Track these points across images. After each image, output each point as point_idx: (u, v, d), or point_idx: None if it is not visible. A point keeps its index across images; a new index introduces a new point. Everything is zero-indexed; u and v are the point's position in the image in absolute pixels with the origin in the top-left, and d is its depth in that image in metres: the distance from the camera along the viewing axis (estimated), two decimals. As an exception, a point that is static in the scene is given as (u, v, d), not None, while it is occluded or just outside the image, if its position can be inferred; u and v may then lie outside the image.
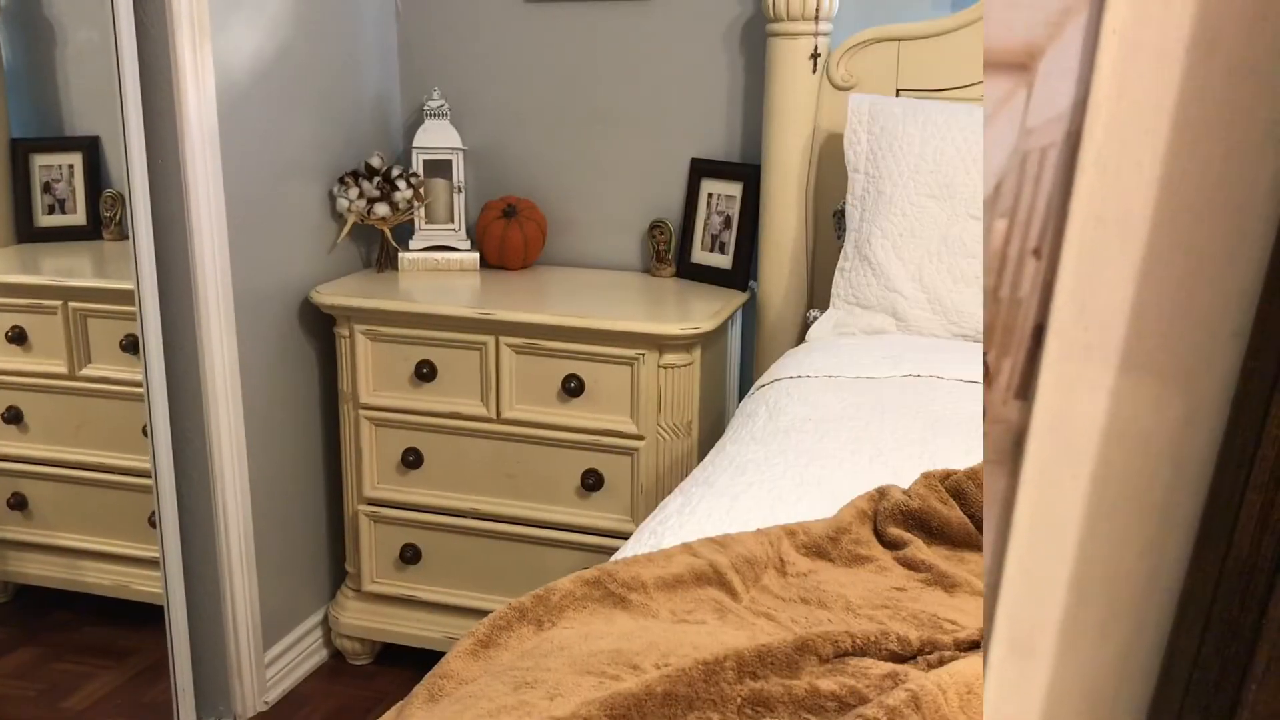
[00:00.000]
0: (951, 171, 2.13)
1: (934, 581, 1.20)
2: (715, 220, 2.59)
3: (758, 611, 1.13)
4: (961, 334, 2.10)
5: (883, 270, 2.15)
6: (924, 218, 2.14)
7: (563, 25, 2.67)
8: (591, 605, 1.12)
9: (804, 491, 1.44)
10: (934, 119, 2.18)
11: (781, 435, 1.66)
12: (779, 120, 2.41)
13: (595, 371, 2.33)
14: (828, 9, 2.36)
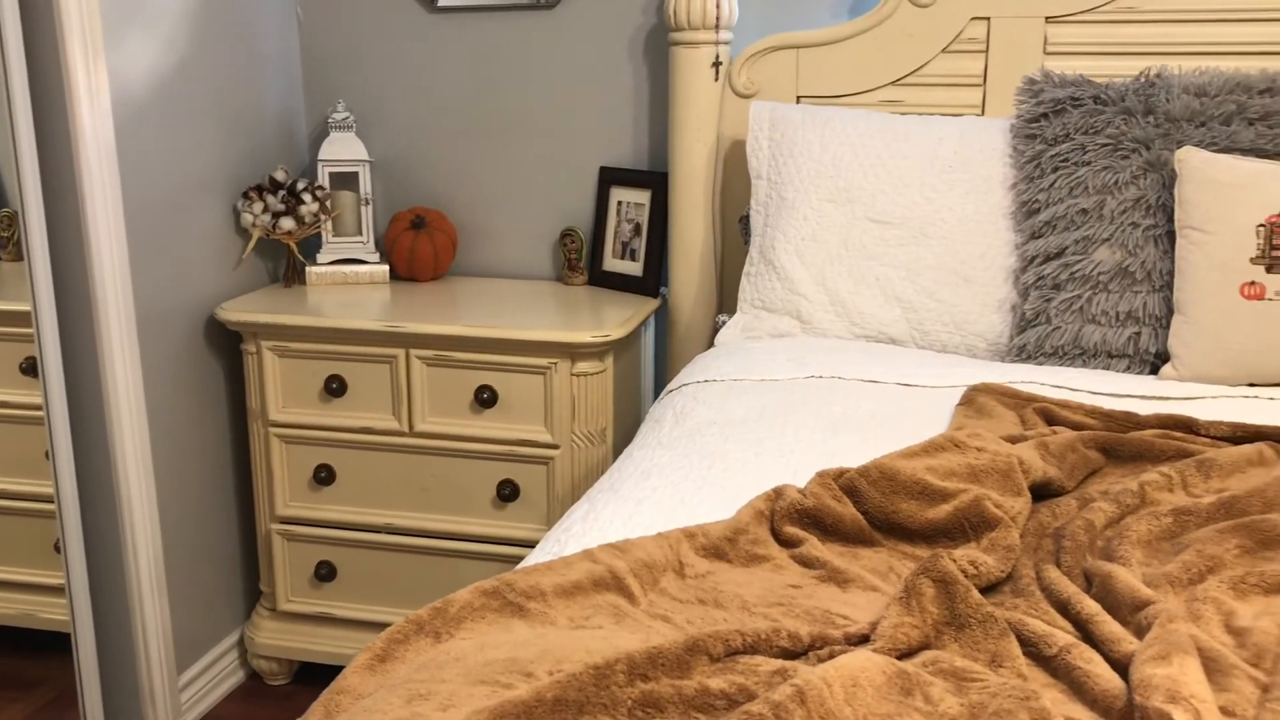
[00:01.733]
0: (850, 176, 2.17)
1: (828, 578, 1.23)
2: (625, 228, 2.61)
3: (655, 614, 1.14)
4: (864, 335, 2.14)
5: (786, 274, 2.18)
6: (825, 222, 2.17)
7: (468, 35, 2.67)
8: (490, 615, 1.12)
9: (706, 494, 1.46)
10: (832, 125, 2.22)
11: (686, 439, 1.68)
12: (683, 128, 2.44)
13: (508, 381, 2.34)
14: (728, 18, 2.39)
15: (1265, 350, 1.81)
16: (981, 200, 2.11)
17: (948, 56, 2.32)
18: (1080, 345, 1.96)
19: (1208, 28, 2.18)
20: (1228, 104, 1.96)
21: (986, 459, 1.39)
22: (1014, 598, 1.19)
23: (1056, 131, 2.03)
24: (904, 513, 1.32)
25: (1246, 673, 1.04)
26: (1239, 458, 1.49)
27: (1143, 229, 1.95)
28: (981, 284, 2.08)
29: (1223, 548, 1.26)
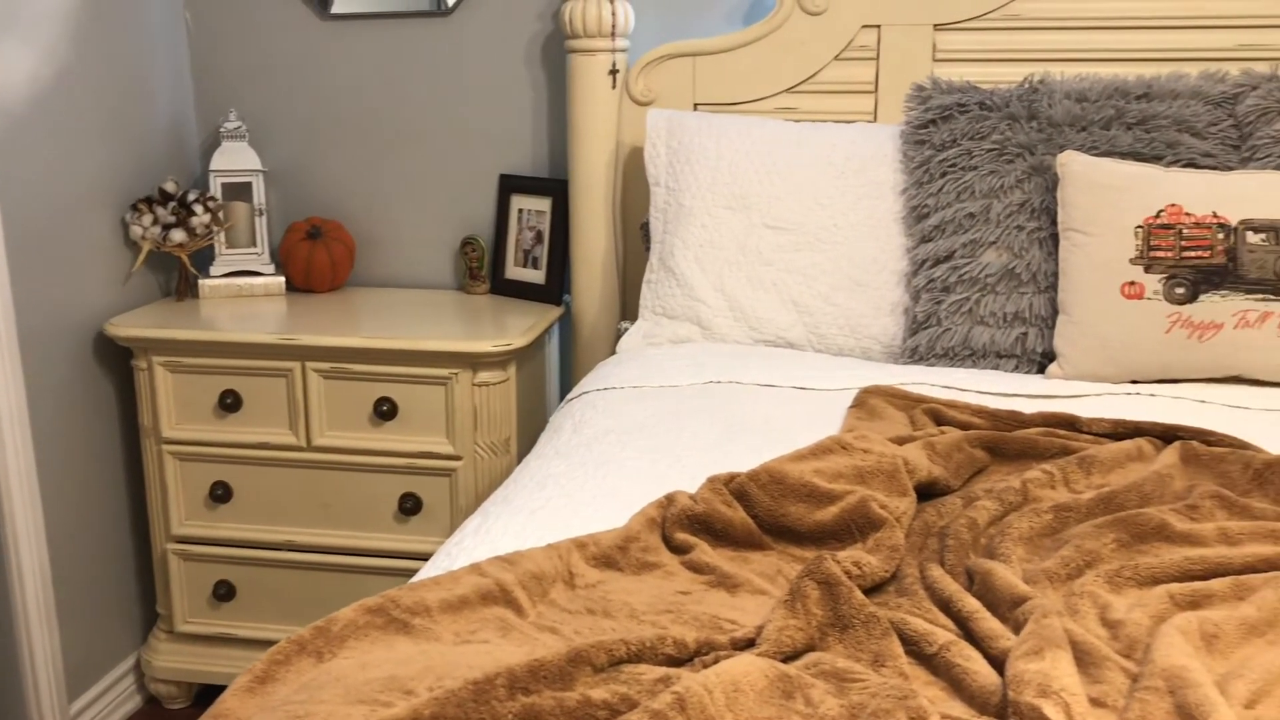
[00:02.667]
0: (747, 183, 2.19)
1: (717, 583, 1.23)
2: (527, 235, 2.60)
3: (543, 626, 1.14)
4: (763, 340, 2.16)
5: (686, 281, 2.19)
6: (722, 229, 2.19)
7: (363, 43, 2.63)
8: (374, 633, 1.10)
9: (601, 503, 1.45)
10: (728, 132, 2.24)
11: (584, 448, 1.67)
12: (582, 136, 2.44)
13: (408, 393, 2.31)
14: (624, 25, 2.40)
15: (1145, 348, 1.86)
16: (874, 205, 2.14)
17: (840, 64, 2.36)
18: (970, 346, 2.00)
19: (1088, 35, 2.24)
20: (1107, 109, 2.02)
21: (873, 460, 1.40)
22: (898, 597, 1.21)
23: (944, 137, 2.08)
24: (793, 515, 1.33)
25: (1118, 664, 1.06)
26: (1119, 453, 1.54)
27: (1028, 232, 1.99)
28: (875, 288, 2.11)
29: (1100, 542, 1.29)
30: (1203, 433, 1.58)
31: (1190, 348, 1.84)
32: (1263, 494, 1.43)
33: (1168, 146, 1.98)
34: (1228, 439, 1.56)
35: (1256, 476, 1.45)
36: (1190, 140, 1.99)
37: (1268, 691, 1.04)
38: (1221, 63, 2.13)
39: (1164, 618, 1.14)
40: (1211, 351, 1.83)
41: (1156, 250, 1.85)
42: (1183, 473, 1.49)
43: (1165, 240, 1.85)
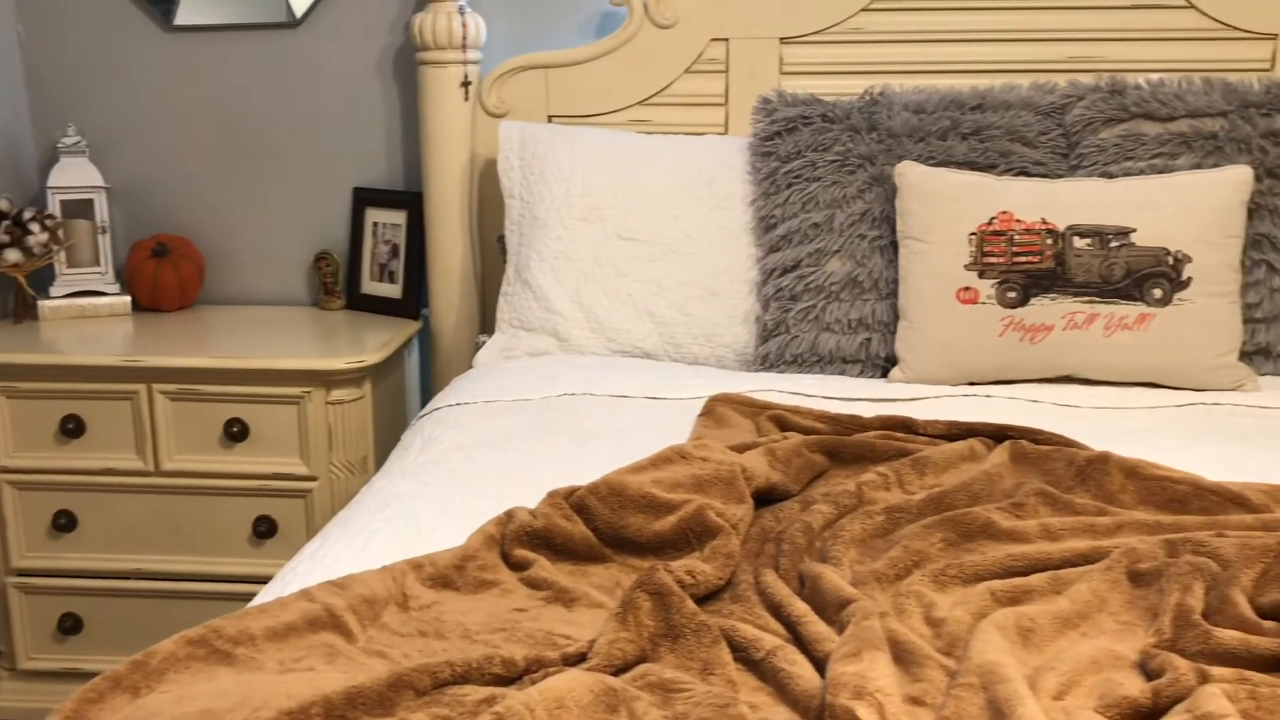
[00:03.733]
0: (600, 195, 2.20)
1: (554, 598, 1.23)
2: (383, 249, 2.56)
3: (372, 651, 1.12)
4: (620, 350, 2.17)
5: (542, 293, 2.19)
6: (577, 240, 2.19)
7: (209, 54, 2.56)
8: (195, 665, 1.07)
9: (444, 521, 1.44)
10: (581, 144, 2.25)
11: (431, 466, 1.65)
12: (436, 148, 2.41)
13: (259, 413, 2.25)
14: (475, 37, 2.38)
15: (980, 351, 1.93)
16: (726, 216, 2.17)
17: (691, 77, 2.39)
18: (817, 352, 2.04)
19: (927, 48, 2.31)
20: (943, 120, 2.08)
21: (711, 469, 1.42)
22: (731, 604, 1.23)
23: (789, 149, 2.12)
24: (632, 527, 1.33)
25: (939, 662, 1.10)
26: (952, 454, 1.58)
27: (869, 240, 2.05)
28: (728, 297, 2.14)
29: (928, 542, 1.33)
30: (1031, 432, 1.64)
31: (1023, 349, 1.91)
32: (1085, 490, 1.49)
33: (1001, 156, 2.05)
34: (1055, 437, 1.62)
35: (1079, 473, 1.51)
36: (1022, 149, 2.06)
37: (1077, 682, 1.08)
38: (1052, 74, 2.22)
39: (985, 614, 1.18)
40: (1043, 353, 1.91)
41: (989, 256, 1.92)
42: (1012, 471, 1.55)
43: (997, 246, 1.92)
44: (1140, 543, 1.29)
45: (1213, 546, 1.27)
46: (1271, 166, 1.97)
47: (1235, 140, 1.98)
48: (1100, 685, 1.07)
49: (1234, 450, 1.65)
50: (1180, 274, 1.88)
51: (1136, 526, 1.37)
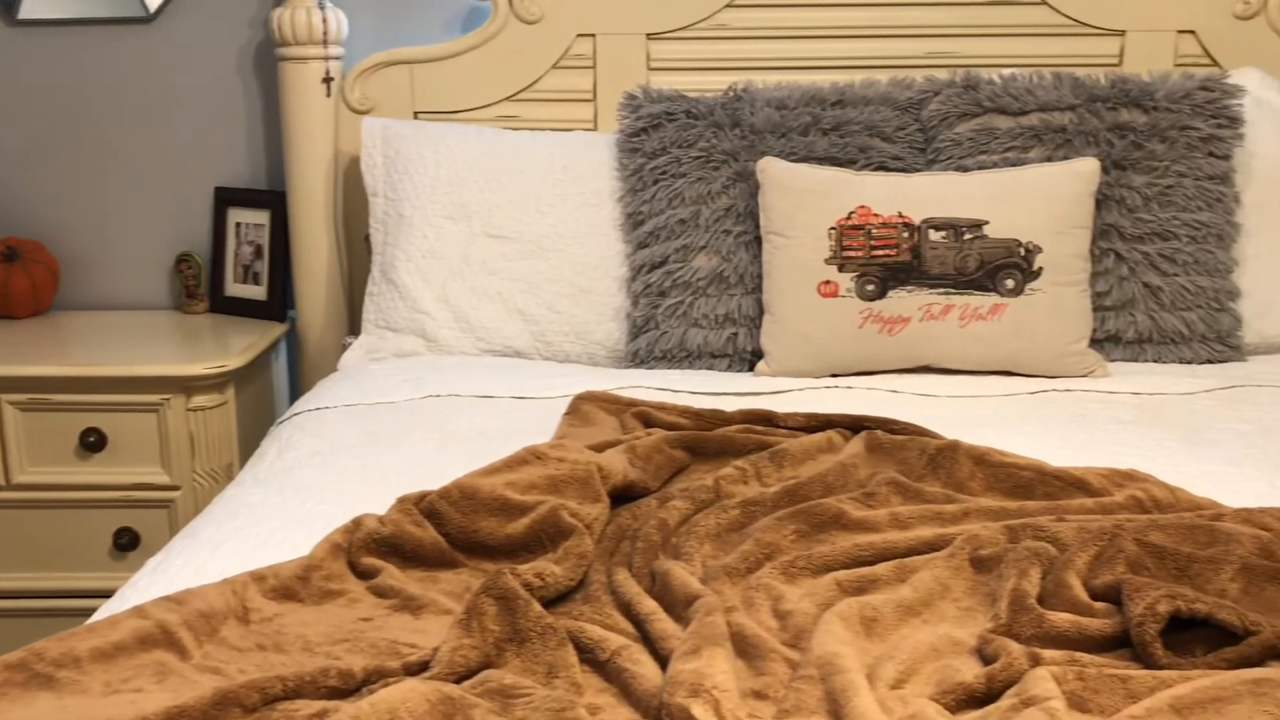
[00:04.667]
0: (466, 192, 2.17)
1: (402, 606, 1.21)
2: (246, 250, 2.50)
3: (206, 668, 1.08)
4: (489, 350, 2.15)
5: (408, 293, 2.16)
6: (444, 238, 2.16)
7: (57, 50, 2.46)
8: (13, 691, 1.03)
9: (292, 531, 1.40)
10: (446, 141, 2.22)
11: (285, 473, 1.61)
12: (298, 146, 2.36)
13: (117, 422, 2.18)
14: (336, 33, 2.33)
15: (841, 343, 1.96)
16: (594, 213, 2.16)
17: (559, 72, 2.37)
18: (686, 348, 2.05)
19: (789, 44, 2.34)
20: (804, 116, 2.11)
21: (566, 469, 1.41)
22: (583, 605, 1.22)
23: (655, 145, 2.12)
24: (484, 530, 1.32)
25: (783, 655, 1.11)
26: (810, 446, 1.60)
27: (734, 235, 2.06)
28: (598, 294, 2.14)
29: (780, 534, 1.34)
30: (887, 422, 1.67)
31: (882, 341, 1.94)
32: (935, 478, 1.52)
33: (860, 151, 2.09)
34: (910, 427, 1.65)
35: (930, 462, 1.54)
36: (881, 144, 2.10)
37: (916, 669, 1.10)
38: (911, 70, 2.26)
39: (831, 605, 1.19)
40: (901, 344, 1.94)
41: (848, 250, 1.95)
42: (867, 461, 1.57)
43: (856, 240, 1.95)
44: (983, 529, 1.32)
45: (1052, 531, 1.31)
46: (1118, 158, 2.03)
47: (1083, 133, 2.04)
48: (939, 672, 1.09)
49: (1082, 435, 1.70)
50: (1032, 264, 1.93)
51: (982, 513, 1.40)
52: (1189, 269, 2.02)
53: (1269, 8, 2.31)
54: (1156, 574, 1.21)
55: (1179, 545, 1.27)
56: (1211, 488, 1.50)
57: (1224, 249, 2.04)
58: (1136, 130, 2.04)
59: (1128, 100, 2.05)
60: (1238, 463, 1.59)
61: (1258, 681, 0.99)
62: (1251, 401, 1.83)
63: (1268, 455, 1.62)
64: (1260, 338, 2.09)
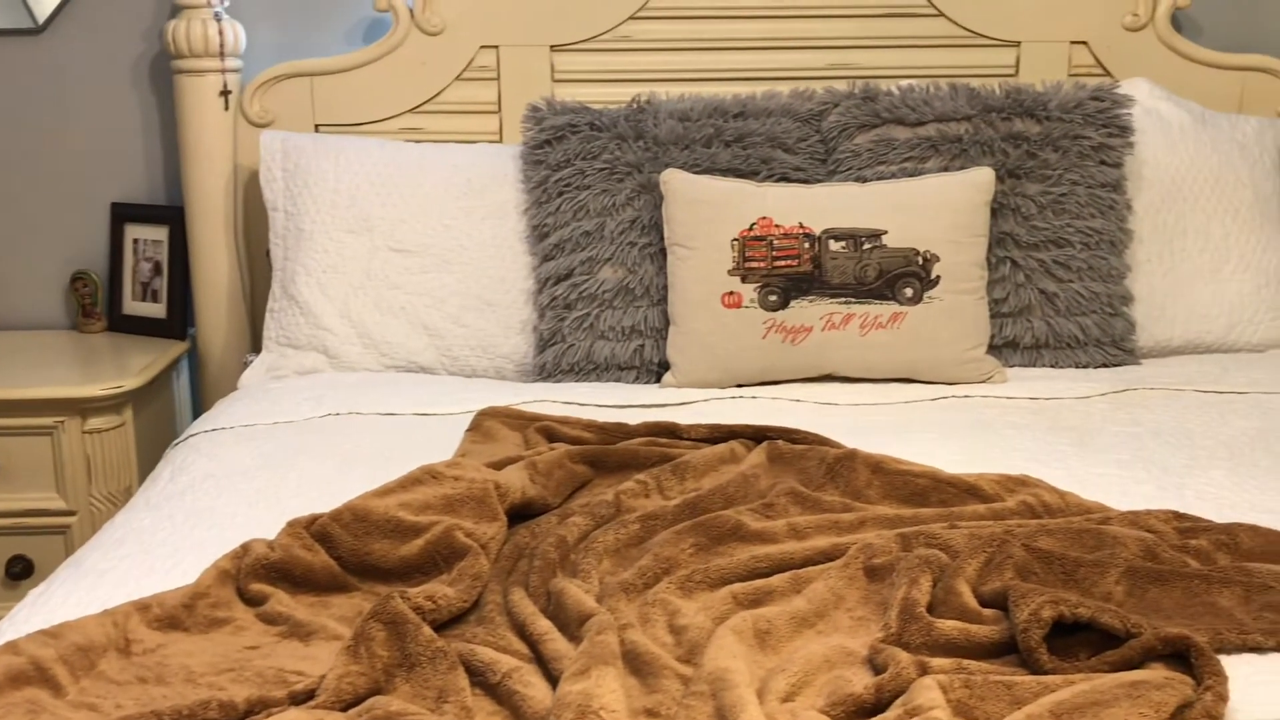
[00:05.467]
0: (368, 205, 2.14)
1: (290, 633, 1.18)
2: (145, 267, 2.44)
3: (82, 704, 1.05)
4: (394, 366, 2.12)
5: (310, 308, 2.12)
6: (345, 253, 2.13)
7: (-59, 63, 2.38)
8: (-127, 737, 0.98)
9: (183, 557, 1.37)
10: (346, 154, 2.19)
11: (177, 497, 1.57)
12: (195, 160, 2.31)
13: (9, 446, 2.12)
14: (234, 45, 2.29)
15: (746, 353, 1.97)
16: (499, 225, 2.15)
17: (462, 84, 2.35)
18: (593, 361, 2.04)
19: (693, 55, 2.35)
20: (707, 127, 2.11)
21: (463, 488, 1.40)
22: (476, 626, 1.21)
23: (559, 157, 2.11)
24: (377, 553, 1.30)
25: (676, 671, 1.10)
26: (712, 457, 1.60)
27: (639, 247, 2.06)
28: (504, 307, 2.12)
29: (679, 548, 1.34)
30: (789, 431, 1.68)
31: (785, 351, 1.96)
32: (834, 487, 1.54)
33: (763, 162, 2.10)
34: (811, 436, 1.66)
35: (829, 470, 1.55)
36: (783, 156, 2.11)
37: (808, 681, 1.10)
38: (812, 81, 2.28)
39: (726, 619, 1.19)
40: (804, 353, 1.96)
41: (751, 261, 1.96)
42: (768, 471, 1.58)
43: (758, 251, 1.96)
44: (877, 538, 1.33)
45: (944, 538, 1.33)
46: (1013, 168, 2.07)
47: (979, 143, 2.08)
48: (830, 683, 1.10)
49: (979, 440, 1.73)
50: (930, 273, 1.96)
51: (878, 521, 1.41)
52: (1083, 275, 2.06)
53: (1156, 20, 2.37)
54: (1044, 579, 1.24)
55: (1067, 550, 1.29)
56: (1102, 490, 1.53)
57: (1117, 255, 2.09)
58: (1030, 140, 2.08)
59: (1021, 110, 2.09)
60: (1128, 465, 1.63)
61: (1134, 684, 1.01)
62: (1143, 404, 1.87)
63: (1157, 457, 1.66)
64: (1154, 341, 2.15)
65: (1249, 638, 1.15)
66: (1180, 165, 2.19)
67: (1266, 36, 2.48)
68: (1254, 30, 2.48)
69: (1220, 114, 2.30)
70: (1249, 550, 1.33)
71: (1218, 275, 2.17)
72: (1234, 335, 2.16)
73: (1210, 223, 2.18)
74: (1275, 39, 2.48)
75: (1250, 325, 2.16)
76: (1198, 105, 2.30)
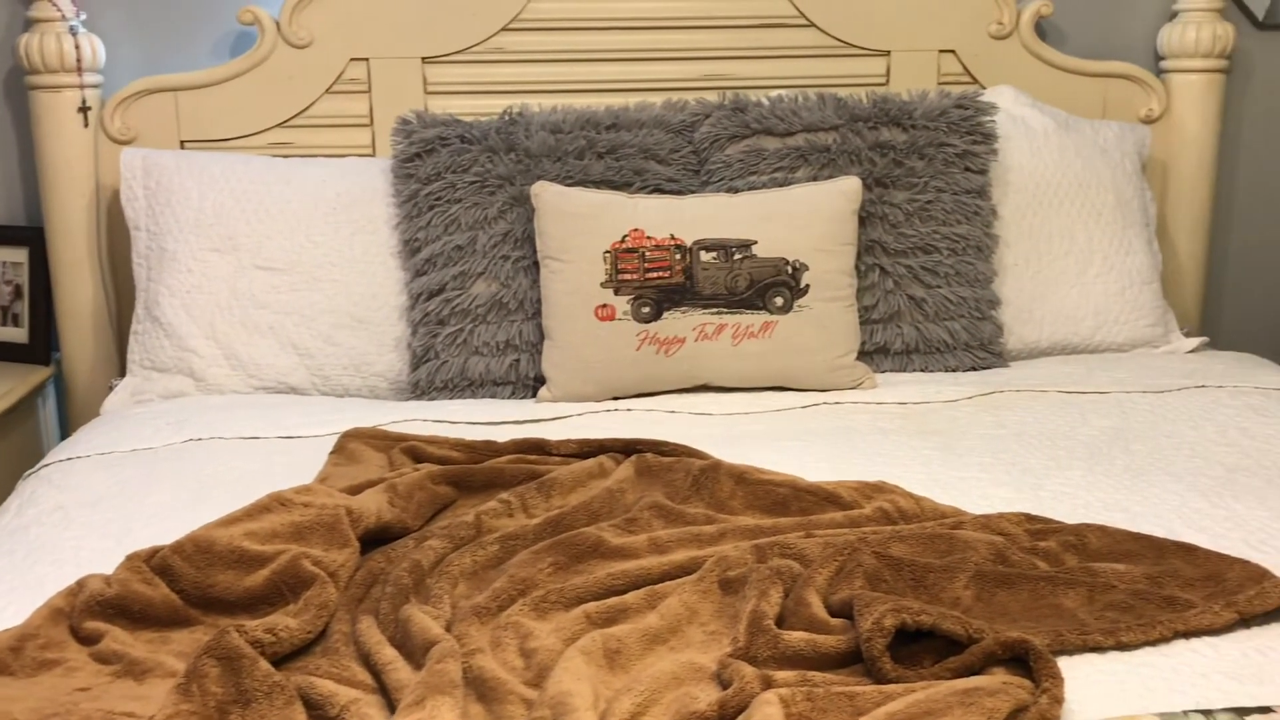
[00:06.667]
0: (233, 223, 2.09)
1: (125, 672, 1.14)
2: (4, 291, 2.35)
3: (-112, 759, 1.00)
4: (263, 387, 2.07)
5: (174, 330, 2.06)
6: (210, 272, 2.08)
7: None
8: None
9: (17, 596, 1.31)
10: (210, 171, 2.13)
11: (21, 531, 1.51)
12: (55, 179, 2.23)
13: None
14: (91, 59, 2.22)
15: (620, 366, 1.96)
16: (370, 241, 2.11)
17: (333, 97, 2.31)
18: (467, 377, 2.02)
19: (566, 67, 2.34)
20: (580, 139, 2.10)
21: (312, 514, 1.36)
22: (320, 658, 1.18)
23: (429, 171, 2.08)
24: (221, 585, 1.26)
25: (521, 695, 1.09)
26: (580, 473, 1.59)
27: (513, 261, 2.04)
28: (377, 324, 2.09)
29: (536, 568, 1.32)
30: (658, 444, 1.67)
31: (659, 362, 1.96)
32: (699, 499, 1.53)
33: (636, 174, 2.10)
34: (679, 448, 1.66)
35: (695, 482, 1.55)
36: (656, 167, 2.11)
37: (655, 700, 1.09)
38: (686, 92, 2.29)
39: (577, 639, 1.18)
40: (678, 364, 1.96)
41: (624, 273, 1.95)
42: (635, 485, 1.57)
43: (630, 264, 1.95)
44: (733, 550, 1.33)
45: (799, 548, 1.33)
46: (880, 176, 2.10)
47: (847, 152, 2.10)
48: (677, 701, 1.09)
49: (847, 446, 1.74)
50: (799, 282, 1.97)
51: (738, 533, 1.41)
52: (950, 280, 2.09)
53: (1021, 28, 2.42)
54: (894, 586, 1.25)
55: (919, 555, 1.31)
56: (963, 493, 1.55)
57: (983, 260, 2.13)
58: (897, 148, 2.11)
59: (888, 119, 2.12)
60: (989, 468, 1.65)
61: (968, 692, 1.02)
62: (1009, 406, 1.90)
63: (1018, 459, 1.69)
64: (1022, 343, 2.19)
65: (1089, 638, 1.17)
66: (1044, 170, 2.24)
67: (1129, 44, 2.55)
68: (1117, 38, 2.55)
69: (1083, 120, 2.36)
70: (1096, 550, 1.35)
71: (1083, 278, 2.22)
72: (1099, 336, 2.22)
73: (1075, 226, 2.23)
74: (1137, 46, 2.55)
75: (1115, 326, 2.22)
76: (1062, 111, 2.35)
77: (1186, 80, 2.47)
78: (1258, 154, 2.65)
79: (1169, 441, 1.75)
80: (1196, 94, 2.47)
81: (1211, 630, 1.20)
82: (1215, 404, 1.90)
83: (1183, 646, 1.18)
